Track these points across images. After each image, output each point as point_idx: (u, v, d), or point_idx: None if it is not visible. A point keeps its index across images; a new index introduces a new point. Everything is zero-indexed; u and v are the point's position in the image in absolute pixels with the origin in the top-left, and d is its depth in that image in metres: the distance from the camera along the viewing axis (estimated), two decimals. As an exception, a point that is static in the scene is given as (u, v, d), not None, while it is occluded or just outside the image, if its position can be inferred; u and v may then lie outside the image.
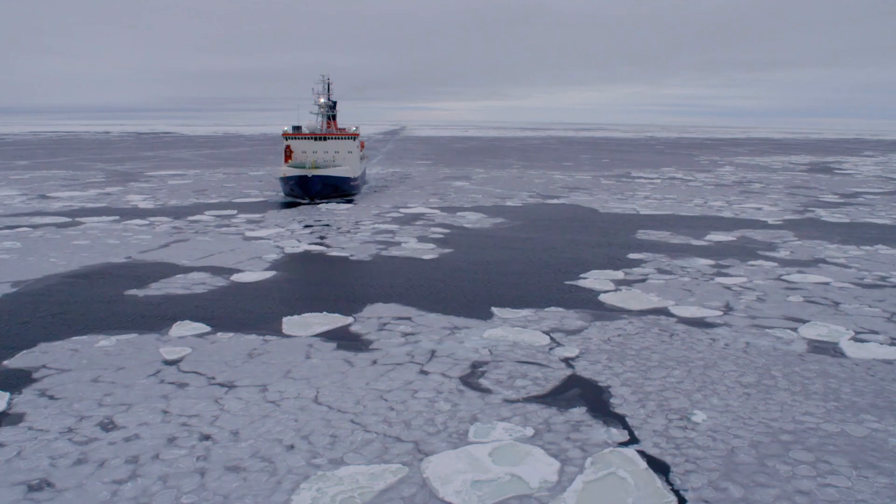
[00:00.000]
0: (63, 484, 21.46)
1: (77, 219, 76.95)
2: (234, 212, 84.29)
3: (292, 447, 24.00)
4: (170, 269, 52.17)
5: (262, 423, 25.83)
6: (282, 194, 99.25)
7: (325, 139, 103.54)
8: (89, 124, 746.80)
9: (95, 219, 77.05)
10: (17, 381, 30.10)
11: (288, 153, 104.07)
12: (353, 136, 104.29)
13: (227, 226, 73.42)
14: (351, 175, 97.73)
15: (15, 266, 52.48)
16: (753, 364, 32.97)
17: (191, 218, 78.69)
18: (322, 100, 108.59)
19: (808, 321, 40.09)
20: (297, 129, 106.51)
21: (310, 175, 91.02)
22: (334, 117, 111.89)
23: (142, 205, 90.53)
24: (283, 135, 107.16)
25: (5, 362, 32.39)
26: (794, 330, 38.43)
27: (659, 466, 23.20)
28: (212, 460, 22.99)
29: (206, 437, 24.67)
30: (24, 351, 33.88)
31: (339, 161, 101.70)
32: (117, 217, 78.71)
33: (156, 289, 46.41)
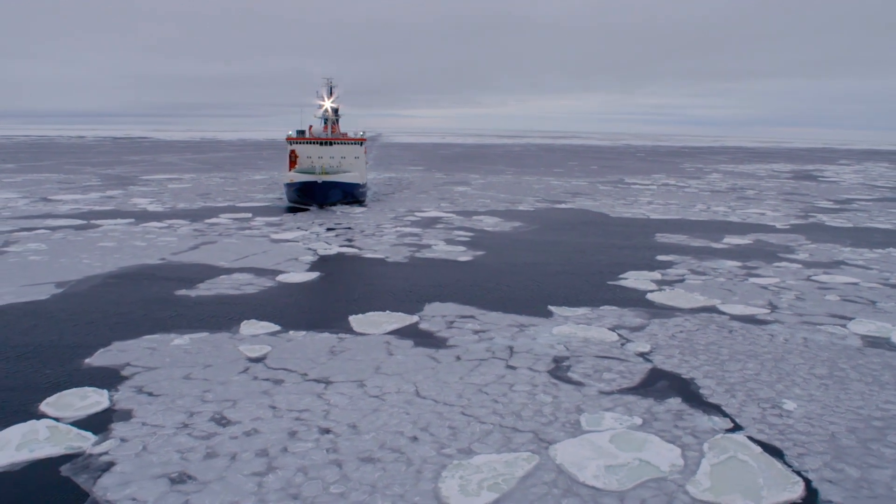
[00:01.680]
0: (204, 477, 21.65)
1: (91, 221, 76.07)
2: (250, 215, 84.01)
3: (416, 439, 24.47)
4: (210, 271, 52.06)
5: (376, 417, 26.23)
6: (285, 200, 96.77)
7: (330, 144, 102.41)
8: (60, 129, 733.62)
9: (110, 221, 76.24)
10: (108, 378, 30.06)
11: (293, 158, 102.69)
12: (360, 142, 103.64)
13: (248, 228, 73.23)
14: (360, 181, 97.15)
15: (49, 268, 51.89)
16: (819, 357, 34.21)
17: (208, 221, 78.29)
18: (325, 104, 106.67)
19: (853, 318, 41.54)
20: (301, 133, 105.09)
21: (320, 181, 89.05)
22: (337, 122, 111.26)
23: (150, 208, 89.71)
24: (287, 139, 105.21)
25: (87, 361, 32.29)
26: (844, 326, 39.85)
27: (771, 450, 24.17)
28: (343, 452, 23.36)
29: (327, 431, 25.00)
30: (101, 350, 33.77)
31: (346, 166, 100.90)
32: (132, 220, 77.97)
33: (205, 289, 46.34)
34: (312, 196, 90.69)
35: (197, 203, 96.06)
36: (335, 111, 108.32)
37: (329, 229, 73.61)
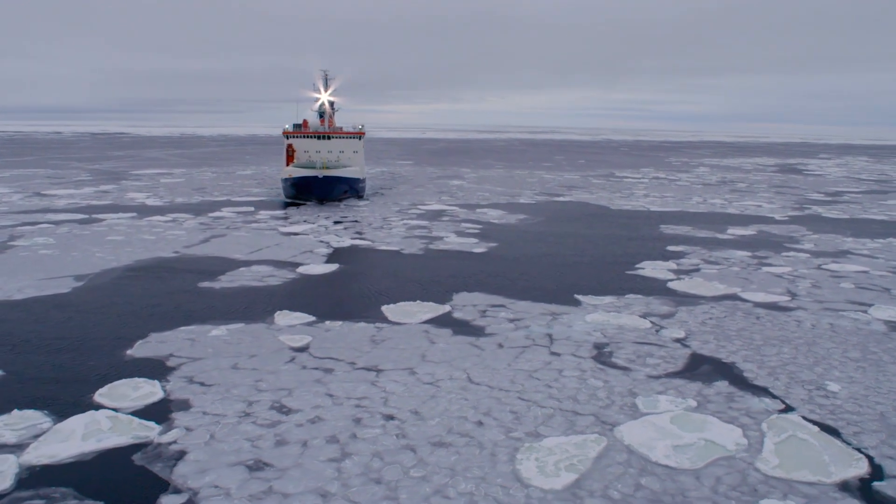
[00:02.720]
0: (280, 464, 21.67)
1: (93, 215, 75.08)
2: (252, 209, 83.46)
3: (481, 423, 24.69)
4: (228, 263, 51.76)
5: (436, 403, 26.41)
6: (283, 195, 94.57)
7: (328, 138, 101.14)
8: (34, 124, 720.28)
9: (112, 215, 75.31)
10: (155, 369, 29.90)
11: (290, 153, 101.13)
12: (359, 135, 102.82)
13: (255, 222, 72.81)
14: (360, 176, 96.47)
15: (62, 262, 51.23)
16: (849, 342, 35.00)
17: (212, 214, 77.66)
18: (322, 97, 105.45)
19: (872, 304, 42.48)
20: (297, 127, 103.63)
21: (321, 176, 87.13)
22: (332, 115, 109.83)
23: (149, 202, 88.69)
24: (283, 133, 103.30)
25: (128, 352, 32.07)
26: (865, 312, 40.75)
27: (827, 429, 24.78)
28: (413, 437, 23.51)
29: (390, 417, 25.13)
30: (140, 341, 33.53)
31: (345, 161, 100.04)
32: (134, 214, 77.08)
33: (228, 281, 46.11)
34: (313, 191, 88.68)
35: (195, 197, 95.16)
36: (332, 104, 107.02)
37: (336, 222, 73.42)
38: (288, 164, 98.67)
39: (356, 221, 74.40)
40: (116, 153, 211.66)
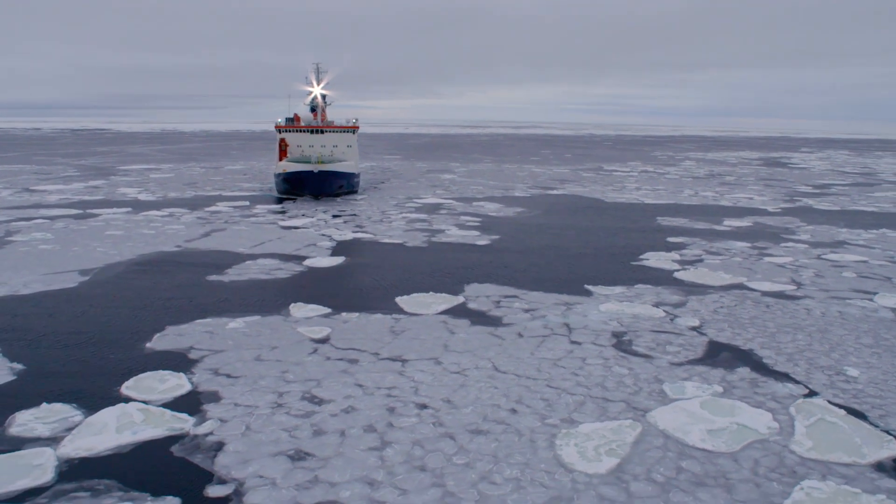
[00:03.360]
0: (321, 453, 21.63)
1: (87, 210, 74.14)
2: (248, 203, 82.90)
3: (515, 411, 24.84)
4: (233, 257, 51.43)
5: (466, 392, 26.50)
6: (275, 190, 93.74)
7: (322, 132, 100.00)
8: (11, 121, 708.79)
9: (107, 210, 74.42)
10: (178, 362, 29.70)
11: (283, 147, 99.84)
12: (353, 129, 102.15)
13: (253, 216, 72.34)
14: (355, 171, 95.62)
15: (64, 256, 50.56)
16: (860, 329, 35.60)
17: (208, 209, 77.04)
18: (315, 90, 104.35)
19: (876, 292, 43.21)
20: (289, 121, 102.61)
21: (317, 171, 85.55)
22: (324, 109, 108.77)
23: (141, 197, 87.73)
24: (276, 127, 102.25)
25: (148, 345, 31.82)
26: (871, 300, 41.44)
27: (853, 412, 25.23)
28: (449, 426, 23.59)
29: (424, 406, 25.18)
30: (158, 335, 33.26)
31: (339, 155, 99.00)
32: (129, 209, 76.22)
33: (236, 275, 45.83)
34: (308, 186, 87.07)
35: (187, 192, 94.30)
36: (324, 98, 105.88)
37: (335, 216, 73.14)
38: (281, 159, 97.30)
39: (354, 215, 74.16)
40: (100, 149, 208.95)
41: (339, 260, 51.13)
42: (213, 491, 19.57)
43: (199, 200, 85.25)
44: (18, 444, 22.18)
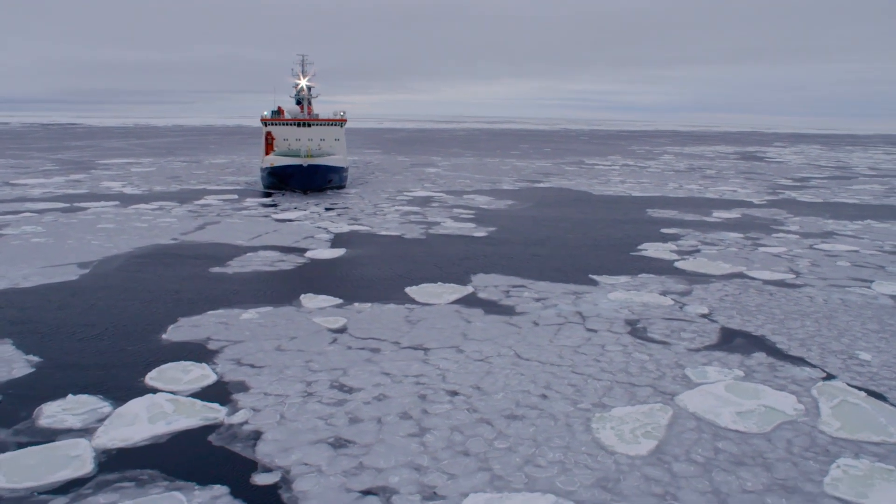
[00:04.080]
0: (362, 440, 21.60)
1: (74, 204, 72.86)
2: (236, 196, 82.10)
3: (545, 397, 25.06)
4: (232, 250, 50.96)
5: (494, 379, 26.66)
6: (261, 184, 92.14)
7: (309, 125, 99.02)
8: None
9: (95, 204, 73.18)
10: (198, 352, 29.42)
11: (269, 140, 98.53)
12: (341, 122, 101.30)
13: (244, 209, 71.67)
14: (344, 164, 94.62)
15: (59, 250, 49.65)
16: (864, 315, 36.48)
17: (197, 202, 76.17)
18: (301, 82, 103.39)
19: (872, 280, 44.28)
20: (275, 114, 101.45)
21: (306, 165, 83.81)
22: (310, 101, 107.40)
23: (127, 191, 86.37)
24: (261, 120, 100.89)
25: (164, 336, 31.45)
26: (869, 287, 42.47)
27: (873, 394, 25.89)
28: (484, 412, 23.72)
29: (454, 393, 25.29)
30: (172, 326, 32.89)
31: (326, 149, 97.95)
32: (116, 202, 75.04)
33: (239, 267, 45.45)
34: (297, 181, 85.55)
35: (172, 186, 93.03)
36: (309, 90, 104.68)
37: (327, 209, 72.78)
38: (268, 153, 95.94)
39: (347, 208, 73.83)
40: (75, 143, 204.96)
41: (340, 252, 50.94)
42: (260, 479, 19.48)
43: (186, 194, 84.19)
44: (51, 435, 21.84)
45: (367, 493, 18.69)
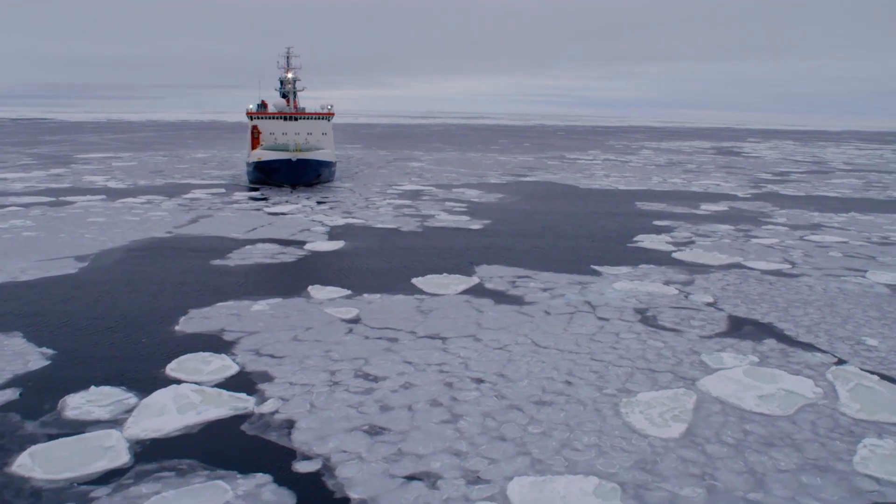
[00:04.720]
0: (397, 427, 21.64)
1: (60, 198, 71.55)
2: (223, 190, 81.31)
3: (570, 383, 25.34)
4: (230, 242, 50.53)
5: (516, 367, 26.87)
6: (246, 178, 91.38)
7: (295, 119, 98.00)
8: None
9: (81, 198, 71.94)
10: (216, 344, 29.20)
11: (255, 135, 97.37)
12: (329, 116, 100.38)
13: (235, 203, 71.03)
14: (332, 159, 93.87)
15: (53, 243, 48.77)
16: (864, 303, 37.38)
17: (186, 196, 75.31)
18: (289, 74, 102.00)
19: (866, 270, 45.36)
20: (261, 107, 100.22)
21: (295, 159, 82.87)
22: (296, 94, 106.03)
23: (111, 185, 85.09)
24: (247, 114, 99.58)
25: (177, 328, 31.16)
26: (864, 276, 43.50)
27: (886, 378, 26.61)
28: (512, 398, 23.91)
29: (480, 381, 25.45)
30: (184, 318, 32.58)
31: (313, 143, 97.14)
32: (103, 196, 73.89)
33: (240, 259, 45.11)
34: (285, 175, 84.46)
35: (157, 180, 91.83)
36: (294, 83, 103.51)
37: (319, 203, 72.41)
38: (254, 147, 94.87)
39: (339, 202, 73.54)
40: (49, 138, 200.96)
41: (339, 244, 50.78)
42: (302, 467, 19.44)
43: (172, 188, 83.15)
44: (79, 427, 21.55)
45: (411, 478, 18.76)
